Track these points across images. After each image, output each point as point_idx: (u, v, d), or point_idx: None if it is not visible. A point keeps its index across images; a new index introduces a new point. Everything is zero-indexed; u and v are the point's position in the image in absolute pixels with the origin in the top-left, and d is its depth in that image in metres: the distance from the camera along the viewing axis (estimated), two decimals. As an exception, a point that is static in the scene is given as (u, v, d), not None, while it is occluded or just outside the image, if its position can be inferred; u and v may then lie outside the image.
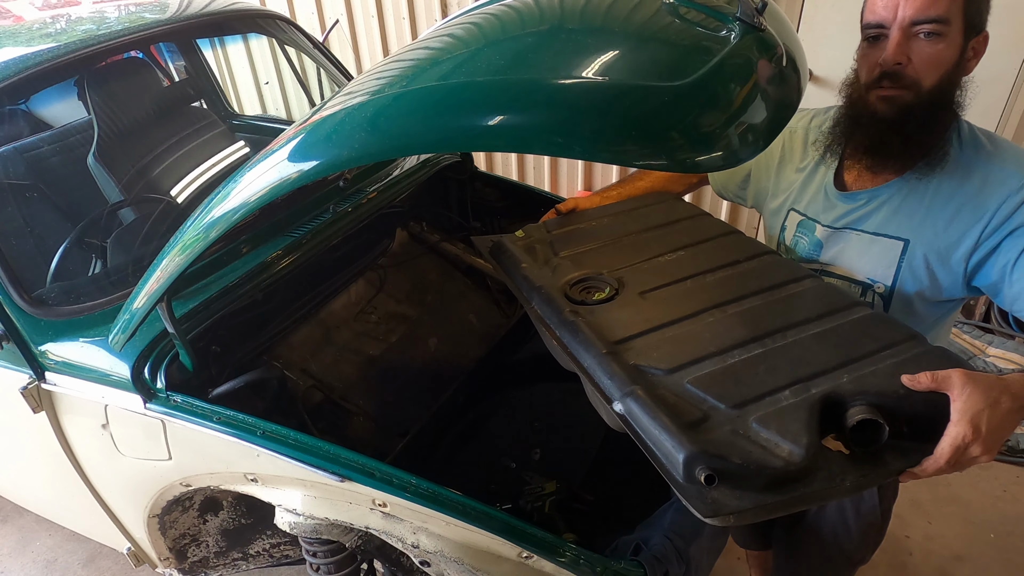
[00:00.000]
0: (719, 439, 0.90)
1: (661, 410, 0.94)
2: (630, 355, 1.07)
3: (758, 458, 0.86)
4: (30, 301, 1.42)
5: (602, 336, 1.12)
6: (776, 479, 0.86)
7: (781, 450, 0.87)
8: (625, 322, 1.15)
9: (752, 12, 0.88)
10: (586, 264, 1.34)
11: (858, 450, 0.89)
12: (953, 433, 0.84)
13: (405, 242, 2.14)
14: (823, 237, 1.31)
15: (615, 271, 1.30)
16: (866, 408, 0.89)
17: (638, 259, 1.33)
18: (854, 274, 1.26)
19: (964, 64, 1.10)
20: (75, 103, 1.90)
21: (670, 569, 1.11)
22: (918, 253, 1.17)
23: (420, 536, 1.16)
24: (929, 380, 0.87)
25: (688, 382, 1.00)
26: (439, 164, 2.09)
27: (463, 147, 0.94)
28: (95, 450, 1.50)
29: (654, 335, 1.12)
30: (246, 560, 1.77)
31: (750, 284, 1.21)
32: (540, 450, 1.74)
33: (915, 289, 1.19)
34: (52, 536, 2.41)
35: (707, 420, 0.94)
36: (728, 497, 0.85)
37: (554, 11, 1.00)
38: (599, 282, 1.28)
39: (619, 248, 1.39)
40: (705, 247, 1.36)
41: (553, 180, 3.74)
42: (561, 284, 1.29)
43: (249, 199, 1.03)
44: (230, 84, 3.99)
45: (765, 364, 1.02)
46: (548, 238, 1.47)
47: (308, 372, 1.66)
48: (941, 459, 0.85)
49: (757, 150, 0.85)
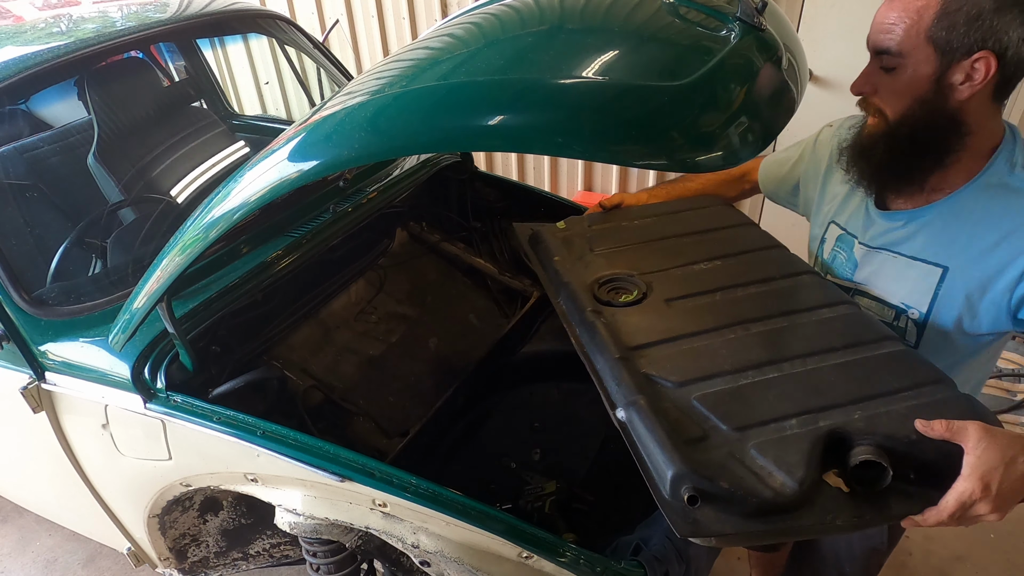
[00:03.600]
0: (712, 460, 0.89)
1: (660, 424, 0.93)
2: (643, 363, 1.06)
3: (748, 485, 0.85)
4: (30, 301, 1.42)
5: (619, 340, 1.11)
6: (763, 508, 0.84)
7: (774, 480, 0.85)
8: (645, 328, 1.14)
9: (752, 12, 0.88)
10: (620, 263, 1.32)
11: (859, 489, 0.86)
12: (961, 488, 0.80)
13: (405, 242, 2.14)
14: (859, 256, 1.24)
15: (646, 274, 1.28)
16: (871, 449, 0.86)
17: (672, 264, 1.30)
18: (888, 297, 1.19)
19: (946, 91, 1.01)
20: (75, 103, 1.90)
21: (670, 569, 1.11)
22: (957, 281, 1.09)
23: (420, 536, 1.16)
24: (943, 429, 0.83)
25: (695, 398, 0.99)
26: (439, 164, 2.09)
27: (463, 147, 0.94)
28: (95, 450, 1.50)
29: (671, 345, 1.10)
30: (246, 560, 1.77)
31: (781, 304, 1.17)
32: (540, 450, 1.74)
33: (952, 319, 1.11)
34: (52, 536, 2.41)
35: (705, 440, 0.93)
36: (711, 519, 0.84)
37: (554, 11, 1.00)
38: (628, 284, 1.26)
39: (656, 250, 1.36)
40: (743, 259, 1.31)
41: (553, 180, 3.74)
42: (590, 282, 1.28)
43: (249, 199, 1.03)
44: (230, 84, 3.99)
45: (777, 389, 0.99)
46: (588, 232, 1.45)
47: (308, 372, 1.66)
48: (944, 512, 0.82)
49: (757, 150, 0.85)
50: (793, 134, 3.24)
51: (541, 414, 1.88)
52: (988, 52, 0.95)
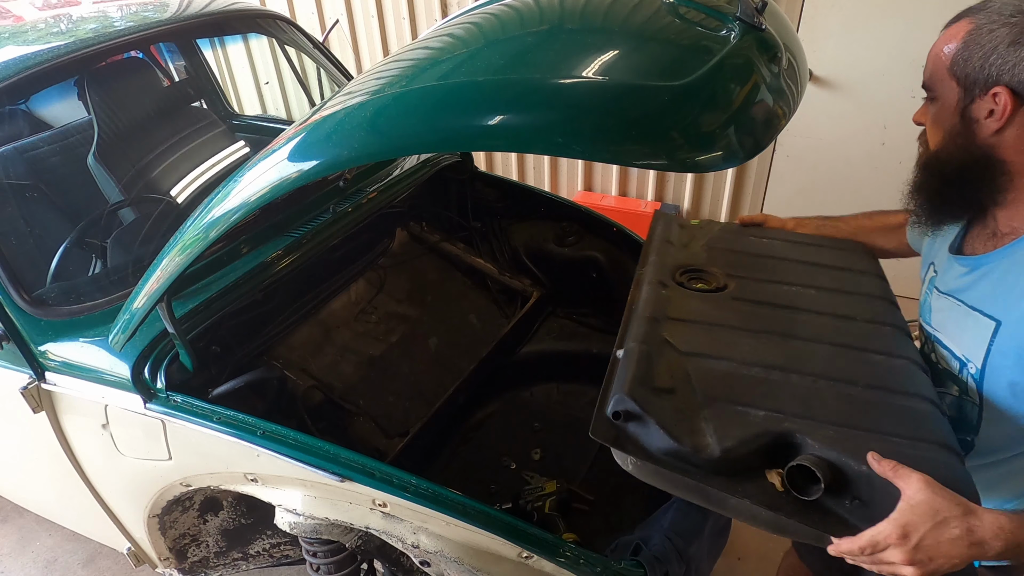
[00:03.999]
0: (659, 404, 0.94)
1: (639, 366, 0.99)
2: (667, 330, 1.10)
3: (674, 432, 0.90)
4: (30, 301, 1.42)
5: (662, 309, 1.15)
6: (679, 456, 0.90)
7: (701, 440, 0.90)
8: (693, 311, 1.17)
9: (752, 12, 0.88)
10: (719, 263, 1.32)
11: (792, 493, 0.87)
12: (880, 527, 0.80)
13: (405, 242, 2.14)
14: (933, 301, 1.17)
15: (736, 276, 1.27)
16: (813, 459, 0.86)
17: (767, 278, 1.28)
18: (953, 347, 1.10)
19: (972, 125, 0.98)
20: (75, 103, 1.90)
21: (670, 569, 1.11)
22: (1009, 338, 0.99)
23: (420, 536, 1.16)
24: (889, 468, 0.83)
25: (689, 367, 1.02)
26: (439, 164, 2.09)
27: (463, 147, 0.94)
28: (95, 450, 1.50)
29: (704, 327, 1.13)
30: (246, 560, 1.77)
31: (838, 336, 1.12)
32: (540, 450, 1.74)
33: (1007, 379, 1.00)
34: (52, 536, 2.41)
35: (670, 393, 0.97)
36: (627, 439, 0.93)
37: (554, 11, 1.00)
38: (710, 277, 1.28)
39: (762, 265, 1.34)
40: (841, 297, 1.24)
41: (553, 180, 3.74)
42: (678, 265, 1.30)
43: (249, 199, 1.03)
44: (230, 84, 3.99)
45: (770, 388, 0.99)
46: (711, 231, 1.46)
47: (308, 372, 1.66)
48: (855, 544, 0.81)
49: (757, 150, 0.85)
50: (794, 134, 3.25)
51: (541, 414, 1.88)
52: (1003, 87, 0.93)
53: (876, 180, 2.91)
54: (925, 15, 2.55)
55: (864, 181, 2.96)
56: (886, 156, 2.87)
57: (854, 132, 2.87)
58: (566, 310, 2.13)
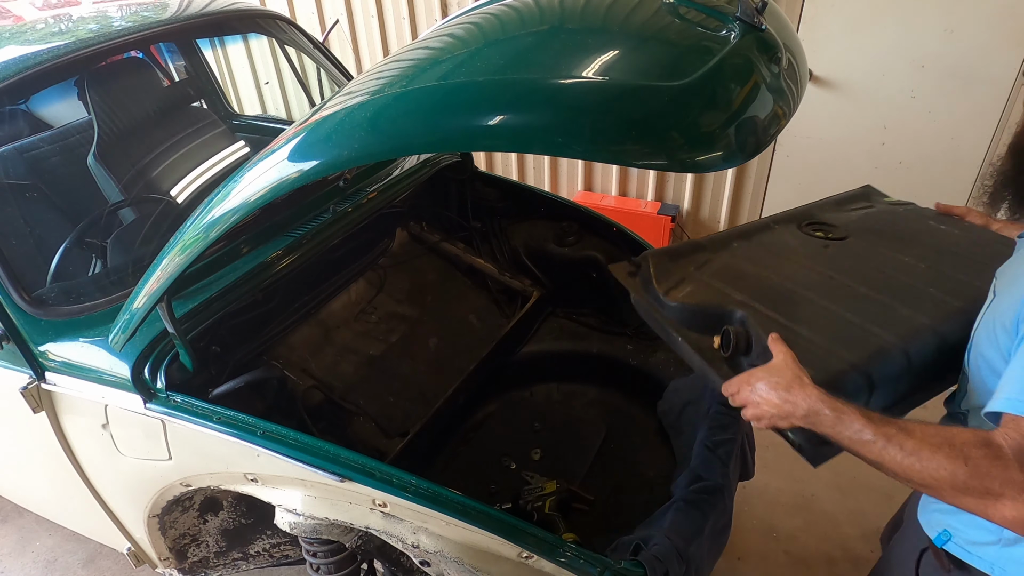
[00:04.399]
0: (665, 266, 1.29)
1: (684, 246, 1.34)
2: (739, 242, 1.37)
3: (658, 280, 1.24)
4: (30, 301, 1.42)
5: (754, 233, 1.40)
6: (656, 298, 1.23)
7: (675, 293, 1.21)
8: (780, 244, 1.35)
9: (752, 12, 0.88)
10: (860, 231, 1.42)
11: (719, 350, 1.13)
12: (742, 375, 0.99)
13: (405, 242, 2.14)
14: None
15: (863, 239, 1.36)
16: (735, 329, 1.10)
17: (893, 250, 1.33)
18: None
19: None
20: (75, 103, 1.90)
21: (670, 569, 1.11)
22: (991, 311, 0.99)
23: (420, 536, 1.16)
24: (771, 340, 1.01)
25: (724, 259, 1.28)
26: (439, 164, 2.09)
27: (463, 147, 0.94)
28: (95, 450, 1.50)
29: (775, 254, 1.31)
30: (246, 560, 1.77)
31: (885, 292, 1.16)
32: (540, 450, 1.74)
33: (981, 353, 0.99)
34: (52, 536, 2.41)
35: (681, 280, 1.25)
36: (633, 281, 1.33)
37: (554, 11, 1.00)
38: (832, 231, 1.38)
39: (906, 238, 1.37)
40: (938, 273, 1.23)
41: (553, 180, 3.75)
42: (810, 220, 1.44)
43: (249, 199, 1.03)
44: (230, 84, 3.99)
45: (766, 290, 1.17)
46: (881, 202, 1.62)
47: (308, 372, 1.66)
48: (729, 384, 1.01)
49: (757, 150, 0.85)
50: (794, 134, 3.25)
51: (541, 414, 1.88)
52: None
53: (876, 180, 2.89)
54: (925, 16, 2.55)
55: (864, 181, 2.95)
56: (886, 156, 2.86)
57: (854, 132, 2.88)
58: (566, 310, 2.13)
